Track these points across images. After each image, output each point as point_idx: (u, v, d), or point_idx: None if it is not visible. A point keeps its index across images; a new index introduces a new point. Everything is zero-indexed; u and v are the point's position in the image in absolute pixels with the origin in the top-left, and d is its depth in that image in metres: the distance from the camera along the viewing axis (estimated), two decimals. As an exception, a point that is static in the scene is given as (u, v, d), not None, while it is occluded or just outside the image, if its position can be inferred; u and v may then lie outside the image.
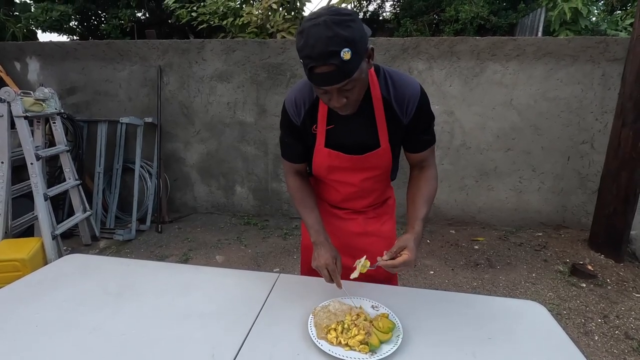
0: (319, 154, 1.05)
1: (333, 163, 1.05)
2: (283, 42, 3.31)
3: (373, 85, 0.97)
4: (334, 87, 0.80)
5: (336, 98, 0.84)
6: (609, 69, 3.01)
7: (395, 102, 0.97)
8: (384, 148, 1.02)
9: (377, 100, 0.97)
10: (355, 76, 0.80)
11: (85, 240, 3.07)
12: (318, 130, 1.01)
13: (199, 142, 3.62)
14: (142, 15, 6.73)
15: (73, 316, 0.95)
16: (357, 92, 0.87)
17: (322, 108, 1.00)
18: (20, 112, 2.43)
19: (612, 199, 2.76)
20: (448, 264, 2.79)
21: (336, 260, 1.01)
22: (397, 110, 0.98)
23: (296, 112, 1.02)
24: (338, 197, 1.17)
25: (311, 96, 1.01)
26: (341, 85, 0.80)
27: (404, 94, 0.97)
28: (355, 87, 0.84)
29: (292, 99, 1.02)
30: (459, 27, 5.41)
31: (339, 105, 0.86)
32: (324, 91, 0.83)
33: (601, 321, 2.12)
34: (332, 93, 0.83)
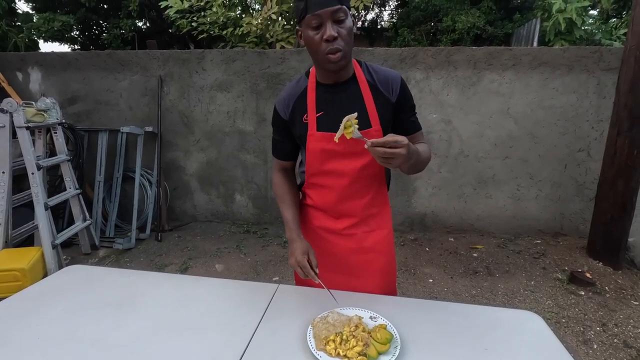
0: (312, 140, 1.06)
1: (326, 147, 1.04)
2: (282, 52, 3.36)
3: (358, 71, 1.05)
4: (328, 9, 0.89)
5: (330, 28, 0.90)
6: (603, 78, 3.06)
7: (379, 84, 1.04)
8: (376, 129, 1.03)
9: (363, 84, 1.04)
10: (346, 8, 0.91)
11: (85, 250, 3.07)
12: (309, 118, 1.05)
13: (199, 150, 3.64)
14: (143, 24, 6.81)
15: (74, 328, 0.96)
16: (347, 34, 0.93)
17: (310, 96, 1.05)
18: (22, 122, 2.46)
19: (609, 206, 2.78)
20: (447, 272, 2.80)
21: (308, 254, 1.04)
22: (383, 90, 1.04)
23: (285, 105, 1.09)
24: (333, 196, 1.13)
25: (298, 89, 1.08)
26: (335, 10, 0.89)
27: (387, 76, 1.05)
28: (346, 23, 0.92)
29: (282, 95, 1.11)
30: (455, 36, 5.49)
31: (332, 34, 0.90)
32: (318, 23, 0.91)
33: (600, 329, 2.12)
34: (325, 25, 0.90)
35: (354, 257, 1.18)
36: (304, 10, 0.91)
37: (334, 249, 1.19)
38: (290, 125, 1.10)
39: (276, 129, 1.15)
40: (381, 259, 1.18)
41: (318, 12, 0.90)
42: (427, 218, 3.53)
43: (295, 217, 1.13)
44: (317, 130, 1.05)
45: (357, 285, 1.16)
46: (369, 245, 1.17)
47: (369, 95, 1.04)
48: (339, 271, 1.18)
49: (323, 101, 1.05)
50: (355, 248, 1.17)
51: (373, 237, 1.18)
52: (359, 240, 1.17)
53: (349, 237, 1.17)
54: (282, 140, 1.16)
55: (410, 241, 3.34)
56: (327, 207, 1.17)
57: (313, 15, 0.90)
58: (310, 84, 1.07)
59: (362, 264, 1.17)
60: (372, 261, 1.18)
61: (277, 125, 1.14)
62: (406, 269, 2.83)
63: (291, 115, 1.09)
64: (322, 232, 1.19)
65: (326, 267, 1.19)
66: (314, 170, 1.13)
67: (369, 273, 1.17)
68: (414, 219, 3.54)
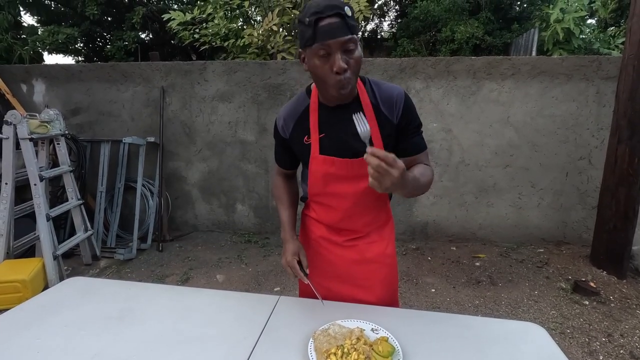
0: (315, 162, 1.05)
1: (329, 170, 1.03)
2: (283, 63, 3.39)
3: (361, 92, 1.01)
4: (338, 40, 0.84)
5: (339, 59, 0.85)
6: (603, 86, 3.07)
7: (382, 105, 1.00)
8: None
9: (366, 106, 1.00)
10: (356, 37, 0.86)
11: (86, 260, 3.07)
12: (312, 140, 1.03)
13: (201, 160, 3.66)
14: (146, 37, 6.91)
15: (74, 341, 0.95)
16: (356, 62, 0.89)
17: (312, 118, 1.03)
18: (25, 134, 2.48)
19: (611, 215, 2.77)
20: (449, 282, 2.77)
21: (299, 255, 1.06)
22: (386, 113, 1.00)
23: (284, 124, 1.07)
24: (336, 215, 1.13)
25: (299, 109, 1.05)
26: (345, 40, 0.84)
27: (391, 95, 1.01)
28: (356, 52, 0.88)
29: (282, 115, 1.08)
30: (455, 46, 5.54)
31: (342, 66, 0.85)
32: (327, 53, 0.86)
33: (605, 340, 2.10)
34: (334, 54, 0.85)
35: (356, 267, 1.17)
36: (312, 39, 0.86)
37: (335, 259, 1.18)
38: (291, 143, 1.09)
39: (277, 142, 1.15)
40: (383, 269, 1.18)
41: (327, 42, 0.84)
42: (428, 227, 3.51)
43: (291, 218, 1.15)
44: (319, 153, 1.03)
45: (359, 295, 1.16)
46: (371, 256, 1.17)
47: (372, 117, 1.00)
48: (340, 281, 1.18)
49: (325, 123, 1.02)
50: (357, 259, 1.17)
51: (375, 248, 1.17)
52: (361, 251, 1.17)
53: (350, 248, 1.17)
54: (283, 152, 1.16)
55: (412, 250, 3.32)
56: (330, 223, 1.17)
57: (322, 45, 0.85)
58: (312, 104, 1.03)
59: (364, 275, 1.17)
60: (374, 272, 1.17)
61: (278, 139, 1.14)
62: (408, 279, 2.81)
63: (291, 135, 1.07)
64: (323, 242, 1.19)
65: (327, 277, 1.18)
66: (316, 191, 1.12)
67: (371, 284, 1.17)
68: (416, 228, 3.53)
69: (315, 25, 0.84)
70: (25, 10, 6.12)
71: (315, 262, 1.18)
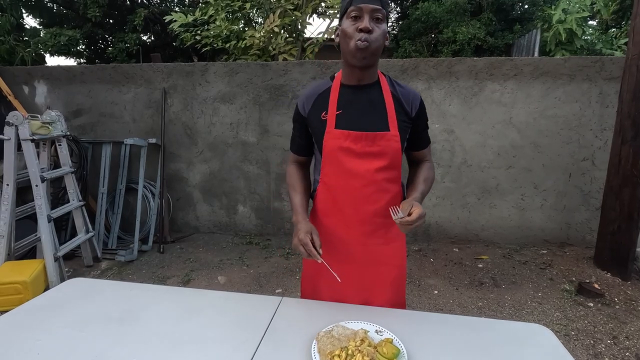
0: (329, 137, 1.07)
1: (343, 144, 1.06)
2: (285, 64, 3.39)
3: (382, 80, 1.10)
4: (370, 5, 0.96)
5: (367, 20, 0.96)
6: (606, 87, 3.06)
7: (402, 97, 1.09)
8: (394, 134, 1.06)
9: (385, 90, 1.08)
10: (385, 12, 0.99)
11: (87, 262, 3.06)
12: (328, 116, 1.08)
13: (202, 162, 3.65)
14: (148, 38, 6.92)
15: (75, 343, 0.94)
16: (381, 35, 0.99)
17: (332, 96, 1.09)
18: (27, 135, 2.48)
19: (615, 216, 2.75)
20: (452, 284, 2.75)
21: (311, 234, 1.03)
22: (404, 103, 1.09)
23: (305, 101, 1.13)
24: (346, 198, 1.10)
25: (321, 88, 1.13)
26: (375, 8, 0.97)
27: (409, 92, 1.11)
28: (382, 26, 0.99)
29: (303, 95, 1.16)
30: (456, 47, 5.53)
31: (368, 27, 0.96)
32: (357, 15, 0.98)
33: (611, 342, 2.07)
34: (363, 18, 0.97)
35: (368, 269, 1.15)
36: (348, 4, 0.99)
37: (345, 258, 1.15)
38: (308, 121, 1.13)
39: (295, 124, 1.20)
40: (393, 271, 1.16)
41: (360, 5, 0.97)
42: (431, 228, 3.50)
43: (303, 203, 1.16)
44: (335, 127, 1.07)
45: (368, 297, 1.14)
46: (382, 257, 1.14)
47: (390, 102, 1.08)
48: (349, 282, 1.16)
49: (344, 101, 1.08)
50: (367, 259, 1.15)
51: (386, 250, 1.15)
52: (372, 252, 1.14)
53: (361, 247, 1.14)
54: (299, 136, 1.20)
55: (415, 252, 3.30)
56: (339, 209, 1.13)
57: (355, 7, 0.98)
58: (334, 85, 1.11)
59: (374, 276, 1.15)
60: (384, 273, 1.15)
61: (296, 120, 1.19)
62: (411, 280, 2.80)
63: (310, 112, 1.12)
64: (333, 240, 1.15)
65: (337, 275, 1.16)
66: (328, 169, 1.12)
67: (380, 285, 1.15)
68: (418, 229, 3.51)
69: None
70: (27, 12, 6.14)
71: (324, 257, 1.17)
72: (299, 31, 4.30)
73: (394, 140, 1.05)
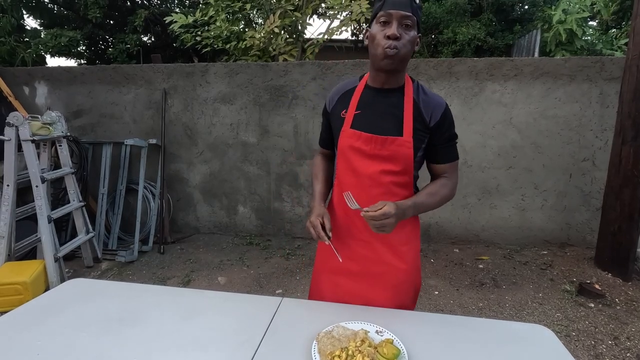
0: (344, 136, 1.10)
1: (354, 144, 1.08)
2: (285, 64, 3.39)
3: (407, 86, 1.09)
4: (399, 12, 0.96)
5: (395, 27, 0.97)
6: (606, 87, 3.06)
7: (422, 105, 1.07)
8: (406, 140, 1.04)
9: (408, 98, 1.07)
10: (416, 20, 0.99)
11: (88, 262, 3.06)
12: (347, 114, 1.10)
13: (202, 162, 3.65)
14: (148, 39, 6.93)
15: (75, 344, 0.94)
16: (409, 42, 1.00)
17: (355, 95, 1.11)
18: (27, 136, 2.48)
19: (616, 216, 2.74)
20: (453, 284, 2.75)
21: (322, 217, 1.06)
22: (423, 111, 1.07)
23: (331, 99, 1.17)
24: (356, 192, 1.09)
25: (347, 87, 1.16)
26: (405, 15, 0.97)
27: (432, 101, 1.08)
28: (411, 33, 0.99)
29: (336, 87, 1.19)
30: (456, 48, 5.54)
31: (396, 34, 0.96)
32: (387, 20, 0.98)
33: (612, 343, 2.07)
34: (392, 24, 0.97)
35: (369, 267, 1.14)
36: (379, 8, 1.00)
37: (350, 255, 1.14)
38: (330, 116, 1.17)
39: (323, 118, 1.24)
40: (398, 274, 1.13)
41: (390, 11, 0.97)
42: (431, 229, 3.49)
43: (322, 190, 1.19)
44: (350, 127, 1.09)
45: (369, 296, 1.13)
46: (386, 258, 1.13)
47: (410, 108, 1.06)
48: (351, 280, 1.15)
49: (365, 102, 1.10)
50: (372, 259, 1.13)
51: (393, 251, 1.13)
52: (376, 251, 1.13)
53: (367, 245, 1.13)
54: (324, 130, 1.24)
55: (415, 252, 3.30)
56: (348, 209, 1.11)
57: (385, 12, 0.98)
58: (359, 85, 1.13)
59: (377, 276, 1.14)
60: (387, 274, 1.13)
61: (323, 114, 1.24)
62: (411, 281, 2.79)
63: (333, 108, 1.16)
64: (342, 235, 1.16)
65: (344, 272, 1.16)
66: (340, 167, 1.14)
67: (382, 286, 1.14)
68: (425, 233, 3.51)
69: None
70: (28, 13, 6.15)
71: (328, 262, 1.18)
72: (299, 32, 4.31)
73: (405, 146, 1.04)
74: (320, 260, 1.24)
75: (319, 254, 1.25)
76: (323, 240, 1.03)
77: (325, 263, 1.19)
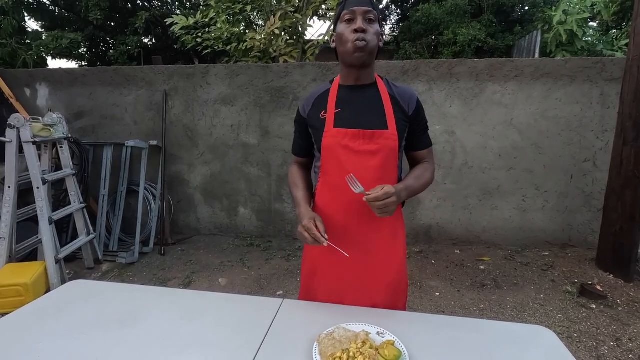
0: (328, 136, 1.09)
1: (341, 142, 1.08)
2: (285, 66, 3.39)
3: (378, 81, 1.13)
4: (361, 8, 1.02)
5: (360, 21, 1.02)
6: (607, 88, 3.06)
7: (399, 97, 1.12)
8: (391, 132, 1.08)
9: (382, 90, 1.11)
10: (377, 13, 1.04)
11: (88, 264, 3.06)
12: (327, 115, 1.11)
13: (203, 164, 3.65)
14: (149, 41, 6.94)
15: (76, 345, 0.94)
16: (374, 35, 1.04)
17: (331, 96, 1.13)
18: (28, 137, 2.48)
19: (617, 217, 2.74)
20: (454, 285, 2.75)
21: (315, 220, 1.03)
22: (400, 102, 1.11)
23: (306, 103, 1.18)
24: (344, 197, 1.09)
25: (321, 90, 1.18)
26: (367, 10, 1.02)
27: (405, 93, 1.13)
28: (374, 26, 1.04)
29: (304, 98, 1.22)
30: (457, 49, 5.54)
31: (362, 27, 1.01)
32: (351, 18, 1.03)
33: (614, 344, 2.06)
34: (357, 19, 1.02)
35: (362, 268, 1.14)
36: (341, 8, 1.06)
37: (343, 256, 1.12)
38: (308, 121, 1.16)
39: (296, 126, 1.24)
40: (391, 273, 1.15)
41: (353, 8, 1.03)
42: (432, 230, 3.49)
43: (306, 195, 1.18)
44: (334, 126, 1.10)
45: (363, 297, 1.13)
46: (379, 258, 1.14)
47: (388, 101, 1.10)
48: (345, 281, 1.15)
49: (343, 100, 1.12)
50: (365, 259, 1.14)
51: (384, 251, 1.14)
52: (369, 252, 1.13)
53: (359, 247, 1.13)
54: (300, 137, 1.24)
55: (416, 254, 3.29)
56: (338, 207, 1.13)
57: (348, 11, 1.04)
58: (333, 87, 1.16)
59: (370, 277, 1.14)
60: (381, 274, 1.14)
61: (297, 122, 1.23)
62: (412, 282, 2.79)
63: (310, 112, 1.16)
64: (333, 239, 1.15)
65: (334, 275, 1.16)
66: (327, 168, 1.13)
67: (376, 286, 1.14)
68: (419, 231, 3.51)
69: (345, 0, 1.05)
70: (29, 15, 6.17)
71: (319, 262, 1.17)
72: (299, 33, 4.31)
73: (392, 139, 1.07)
74: (309, 262, 1.22)
75: (307, 256, 1.23)
76: (321, 243, 0.99)
77: (316, 265, 1.19)
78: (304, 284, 1.25)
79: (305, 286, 1.24)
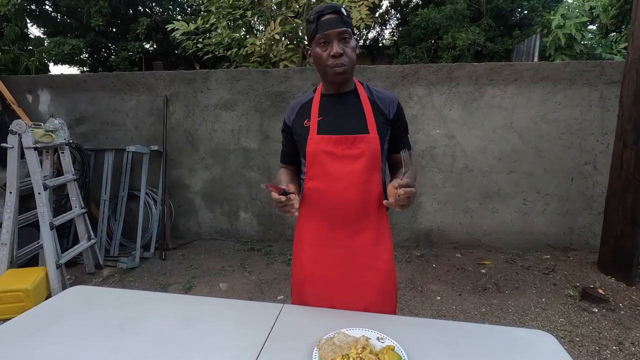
0: (312, 142, 1.12)
1: (324, 148, 1.10)
2: (286, 71, 3.41)
3: (359, 87, 1.17)
4: (335, 30, 1.03)
5: (336, 45, 1.03)
6: (606, 91, 3.06)
7: (379, 102, 1.15)
8: (372, 136, 1.10)
9: (363, 96, 1.15)
10: (350, 31, 1.05)
11: (89, 269, 3.06)
12: (311, 122, 1.14)
13: (204, 168, 3.66)
14: (150, 47, 6.99)
15: (76, 351, 0.94)
16: (351, 52, 1.07)
17: (314, 104, 1.16)
18: (30, 143, 2.50)
19: (618, 220, 2.73)
20: (455, 289, 2.74)
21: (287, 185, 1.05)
22: (381, 106, 1.15)
23: (290, 112, 1.22)
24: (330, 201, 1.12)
25: (304, 100, 1.21)
26: (341, 31, 1.03)
27: (385, 97, 1.17)
28: (350, 43, 1.06)
29: (289, 107, 1.25)
30: (456, 53, 5.56)
31: (338, 51, 1.03)
32: (326, 40, 1.04)
33: (616, 349, 2.05)
34: (332, 42, 1.04)
35: (350, 271, 1.15)
36: (315, 31, 1.05)
37: (330, 262, 1.16)
38: (293, 129, 1.20)
39: (283, 135, 1.28)
40: (379, 275, 1.16)
41: (327, 32, 1.03)
42: (433, 234, 3.49)
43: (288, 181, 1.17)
44: (317, 133, 1.12)
45: (353, 301, 1.13)
46: (366, 260, 1.15)
47: (368, 106, 1.13)
48: (334, 286, 1.16)
49: (325, 108, 1.15)
50: (352, 262, 1.15)
51: (370, 253, 1.15)
52: (356, 255, 1.15)
53: (345, 250, 1.15)
54: (286, 145, 1.28)
55: (417, 257, 3.29)
56: (323, 213, 1.15)
57: (322, 35, 1.04)
58: (316, 96, 1.19)
59: (359, 280, 1.15)
60: (369, 277, 1.15)
61: (283, 131, 1.27)
62: (413, 286, 2.78)
63: (294, 121, 1.20)
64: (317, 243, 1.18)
65: (323, 280, 1.16)
66: (312, 173, 1.15)
67: (365, 289, 1.15)
68: (420, 234, 3.50)
69: (317, 21, 1.04)
70: (31, 22, 6.22)
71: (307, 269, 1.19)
72: (299, 38, 4.34)
73: (373, 142, 1.10)
74: (299, 269, 1.23)
75: (296, 263, 1.26)
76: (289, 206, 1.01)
77: (304, 271, 1.19)
78: (295, 291, 1.26)
79: (295, 293, 1.25)
